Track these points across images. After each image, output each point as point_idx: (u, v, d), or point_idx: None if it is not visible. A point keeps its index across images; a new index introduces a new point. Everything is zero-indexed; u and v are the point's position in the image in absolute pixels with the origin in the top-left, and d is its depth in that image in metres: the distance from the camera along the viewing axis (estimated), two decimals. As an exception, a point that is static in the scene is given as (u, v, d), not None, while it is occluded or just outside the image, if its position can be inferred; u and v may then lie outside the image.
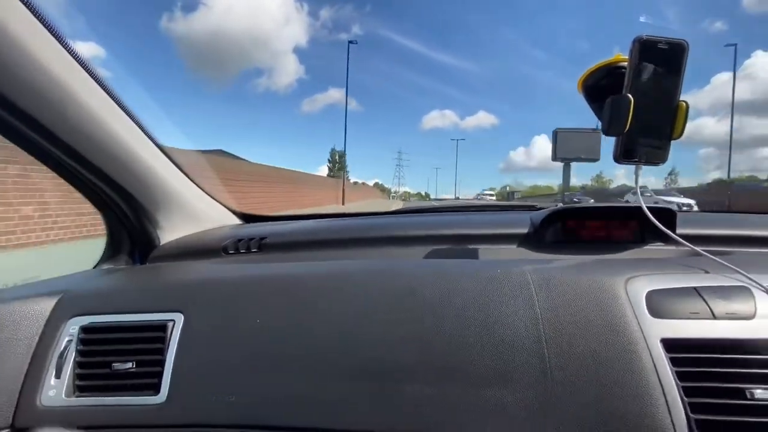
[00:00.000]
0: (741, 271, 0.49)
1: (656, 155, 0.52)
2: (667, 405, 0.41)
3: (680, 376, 0.42)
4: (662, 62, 0.50)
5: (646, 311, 0.46)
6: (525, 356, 0.45)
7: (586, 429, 0.41)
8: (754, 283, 0.47)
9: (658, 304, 0.46)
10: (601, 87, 0.56)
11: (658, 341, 0.44)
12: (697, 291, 0.47)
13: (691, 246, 0.58)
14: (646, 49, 0.49)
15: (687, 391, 0.41)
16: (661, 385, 0.41)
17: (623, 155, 0.52)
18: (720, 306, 0.45)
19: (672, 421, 0.40)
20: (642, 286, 0.48)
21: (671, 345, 0.43)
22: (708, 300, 0.46)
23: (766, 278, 0.48)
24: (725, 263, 0.51)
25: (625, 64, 0.51)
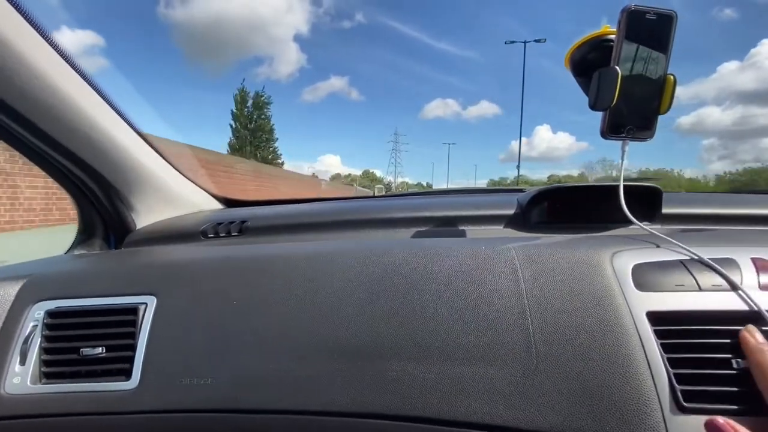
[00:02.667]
0: (722, 246, 0.49)
1: (643, 131, 0.51)
2: (652, 376, 0.40)
3: (665, 348, 0.41)
4: (650, 34, 0.49)
5: (632, 284, 0.45)
6: (509, 332, 0.44)
7: (570, 401, 0.40)
8: (737, 256, 0.47)
9: (644, 277, 0.46)
10: (588, 61, 0.55)
11: (644, 314, 0.43)
12: (683, 264, 0.46)
13: (676, 226, 0.57)
14: (634, 19, 0.48)
15: (672, 363, 0.40)
16: (647, 357, 0.41)
17: (610, 130, 0.51)
18: (706, 278, 0.44)
19: (657, 391, 0.39)
20: (628, 260, 0.48)
21: (657, 317, 0.43)
22: (694, 272, 0.45)
23: (749, 251, 0.47)
24: (708, 240, 0.50)
25: (613, 36, 0.50)
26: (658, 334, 0.42)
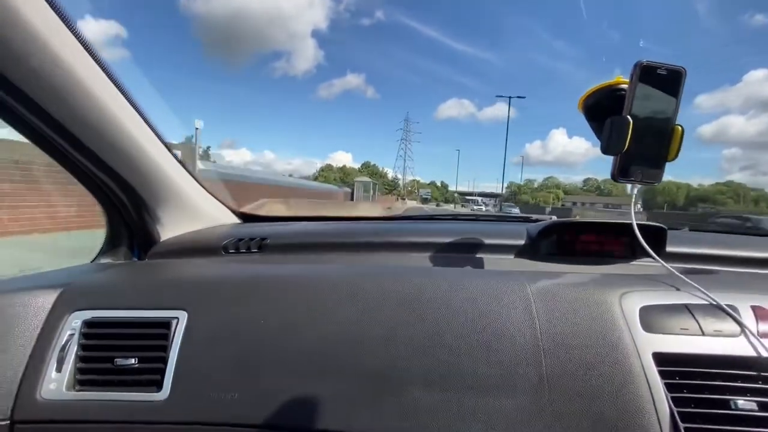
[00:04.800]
0: (725, 291, 0.52)
1: (651, 175, 0.54)
2: (657, 414, 0.43)
3: (670, 388, 0.44)
4: (661, 87, 0.52)
5: (639, 326, 0.49)
6: (524, 365, 0.47)
7: None
8: (738, 303, 0.50)
9: (651, 320, 0.49)
10: (601, 107, 0.58)
11: (650, 355, 0.46)
12: (687, 308, 0.50)
13: (679, 265, 0.61)
14: (646, 73, 0.51)
15: (676, 402, 0.43)
16: (652, 396, 0.44)
17: (620, 174, 0.54)
18: (708, 323, 0.48)
19: (661, 429, 0.42)
20: (636, 302, 0.51)
21: (662, 359, 0.46)
22: (697, 317, 0.48)
23: (750, 298, 0.51)
24: (711, 283, 0.54)
25: (626, 86, 0.54)
26: (663, 375, 0.45)
